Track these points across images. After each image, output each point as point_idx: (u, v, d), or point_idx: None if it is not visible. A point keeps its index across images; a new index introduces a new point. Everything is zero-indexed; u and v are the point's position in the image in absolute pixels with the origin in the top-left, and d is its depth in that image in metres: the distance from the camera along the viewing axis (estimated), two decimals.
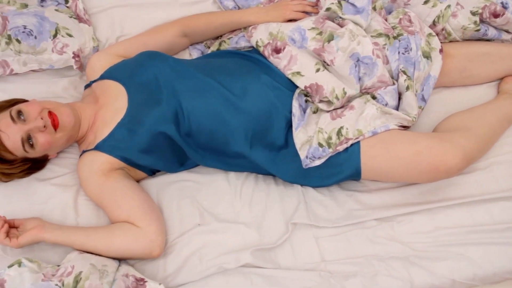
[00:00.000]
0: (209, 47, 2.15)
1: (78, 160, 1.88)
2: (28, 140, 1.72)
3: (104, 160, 1.79)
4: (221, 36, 2.13)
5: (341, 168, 1.78)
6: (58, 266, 1.64)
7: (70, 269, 1.59)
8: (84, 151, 1.85)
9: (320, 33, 1.85)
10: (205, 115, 1.79)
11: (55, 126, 1.75)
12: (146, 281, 1.66)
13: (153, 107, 1.79)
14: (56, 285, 1.54)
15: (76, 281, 1.56)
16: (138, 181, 1.90)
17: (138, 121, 1.79)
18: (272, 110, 1.81)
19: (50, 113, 1.75)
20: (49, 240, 1.68)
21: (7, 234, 1.67)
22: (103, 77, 1.93)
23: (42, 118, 1.72)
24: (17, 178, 1.83)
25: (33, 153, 1.76)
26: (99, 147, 1.81)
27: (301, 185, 1.87)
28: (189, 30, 2.07)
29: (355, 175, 1.79)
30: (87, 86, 1.99)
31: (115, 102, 1.85)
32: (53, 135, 1.76)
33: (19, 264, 1.59)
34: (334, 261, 1.74)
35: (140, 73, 1.86)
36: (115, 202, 1.75)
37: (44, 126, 1.73)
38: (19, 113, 1.73)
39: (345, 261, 1.74)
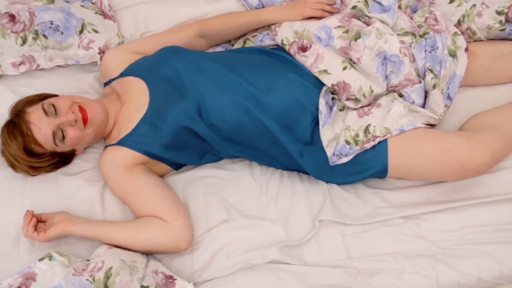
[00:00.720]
0: (233, 45, 2.09)
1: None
2: (58, 134, 1.68)
3: (127, 155, 1.75)
4: (245, 34, 2.08)
5: (368, 166, 1.73)
6: (88, 260, 1.59)
7: (101, 264, 1.54)
8: (106, 146, 1.81)
9: (347, 31, 1.79)
10: (229, 110, 1.73)
11: (85, 121, 1.71)
12: (175, 279, 1.61)
13: (176, 102, 1.74)
14: (87, 280, 1.50)
15: (107, 276, 1.51)
16: (162, 175, 1.86)
17: (161, 116, 1.74)
18: (298, 107, 1.76)
19: (80, 108, 1.71)
20: (76, 234, 1.64)
21: (35, 228, 1.63)
22: (123, 74, 1.88)
23: (73, 112, 1.69)
24: (45, 172, 1.78)
25: (62, 147, 1.72)
26: (122, 142, 1.76)
27: (326, 181, 1.83)
28: (206, 31, 2.01)
29: (382, 173, 1.74)
30: (106, 84, 1.94)
31: (137, 98, 1.80)
32: (82, 130, 1.72)
33: (50, 257, 1.55)
34: (360, 258, 1.69)
35: (162, 68, 1.81)
36: (139, 198, 1.71)
37: (75, 121, 1.69)
38: (51, 106, 1.69)
39: (371, 258, 1.69)
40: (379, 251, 1.70)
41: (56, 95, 1.80)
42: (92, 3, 2.09)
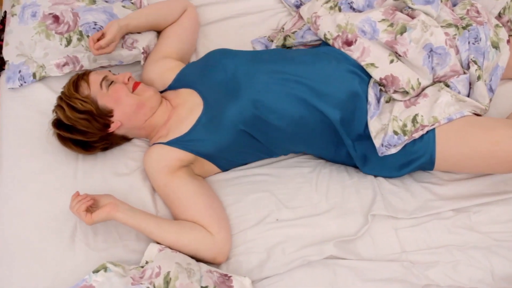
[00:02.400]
0: (272, 40, 1.92)
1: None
2: (108, 80, 1.60)
3: (174, 156, 1.58)
4: (283, 29, 1.92)
5: (416, 156, 1.57)
6: (142, 267, 1.43)
7: (158, 270, 1.37)
8: (153, 144, 1.64)
9: (391, 25, 1.62)
10: (288, 105, 1.56)
11: (134, 86, 1.61)
12: (231, 276, 1.46)
13: (231, 104, 1.56)
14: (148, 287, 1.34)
15: (167, 281, 1.35)
16: (208, 176, 1.69)
17: (217, 120, 1.56)
18: (355, 96, 1.59)
19: (136, 82, 1.62)
20: (120, 220, 1.46)
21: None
22: (172, 87, 1.73)
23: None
24: (77, 133, 1.58)
25: (104, 97, 1.57)
26: (171, 143, 1.59)
27: (375, 176, 1.68)
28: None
29: (429, 163, 1.58)
30: None
31: (189, 102, 1.64)
32: (127, 93, 1.59)
33: (105, 269, 1.38)
34: (414, 251, 1.54)
35: (214, 72, 1.64)
36: (180, 205, 1.55)
37: (128, 79, 1.62)
38: (115, 74, 1.65)
39: (425, 251, 1.54)
40: (433, 244, 1.55)
41: None
42: (132, 3, 1.90)
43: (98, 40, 1.68)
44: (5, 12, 1.92)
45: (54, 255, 1.51)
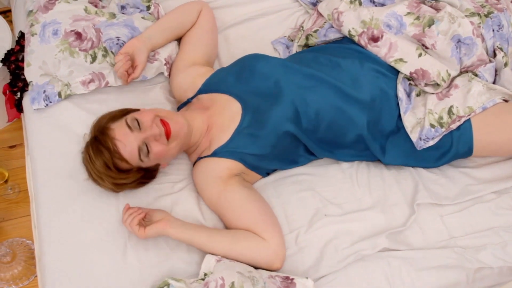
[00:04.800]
0: (292, 40, 1.80)
1: (193, 167, 1.54)
2: (144, 149, 1.37)
3: (223, 166, 1.44)
4: (302, 28, 1.79)
5: (453, 146, 1.49)
6: (203, 279, 1.30)
7: (221, 282, 1.24)
8: (199, 158, 1.51)
9: (418, 18, 1.53)
10: (323, 108, 1.46)
11: (168, 135, 1.39)
12: (293, 278, 1.33)
13: (272, 108, 1.44)
14: None
15: None
16: (254, 183, 1.57)
17: (260, 124, 1.44)
18: (382, 96, 1.49)
19: (162, 121, 1.40)
20: (172, 236, 1.35)
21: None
22: (202, 91, 1.57)
23: (156, 126, 1.39)
24: (129, 188, 1.46)
25: (147, 162, 1.40)
26: (216, 154, 1.46)
27: (413, 167, 1.58)
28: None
29: (467, 152, 1.50)
30: (185, 104, 1.63)
31: (227, 109, 1.50)
32: (166, 145, 1.40)
33: (168, 285, 1.26)
34: (462, 236, 1.45)
35: (249, 77, 1.52)
36: (233, 212, 1.41)
37: (159, 135, 1.38)
38: (135, 121, 1.38)
39: (473, 235, 1.45)
40: (479, 228, 1.46)
41: (137, 110, 1.47)
42: (150, 13, 1.76)
43: (128, 72, 1.59)
44: (21, 32, 1.75)
45: (108, 274, 1.37)
